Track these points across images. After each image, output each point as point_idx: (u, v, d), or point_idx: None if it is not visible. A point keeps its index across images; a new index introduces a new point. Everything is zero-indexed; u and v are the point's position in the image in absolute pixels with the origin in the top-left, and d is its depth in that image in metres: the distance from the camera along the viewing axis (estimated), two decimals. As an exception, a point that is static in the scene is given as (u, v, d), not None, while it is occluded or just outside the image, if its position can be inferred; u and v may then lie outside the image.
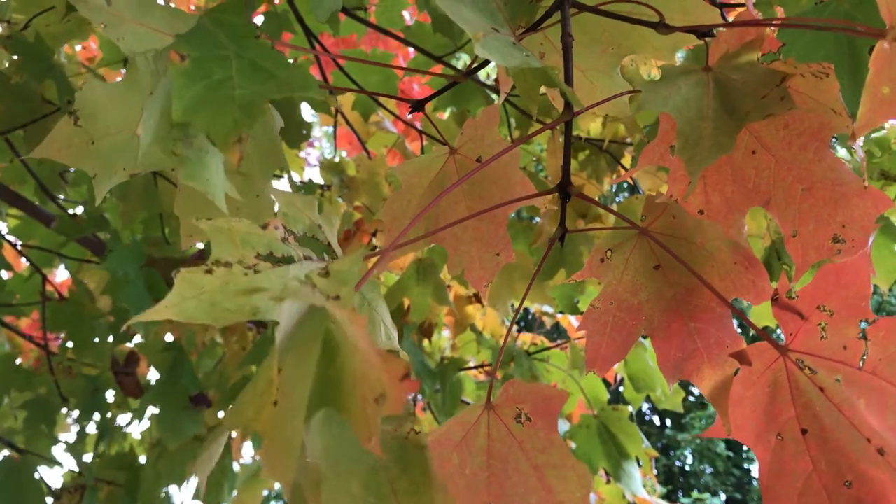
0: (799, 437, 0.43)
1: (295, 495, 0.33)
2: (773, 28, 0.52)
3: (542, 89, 0.62)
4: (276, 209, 0.50)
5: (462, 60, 2.34)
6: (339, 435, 0.35)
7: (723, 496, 8.94)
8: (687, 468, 9.38)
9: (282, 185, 1.64)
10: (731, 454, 9.28)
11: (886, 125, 1.43)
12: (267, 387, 0.40)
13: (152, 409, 1.61)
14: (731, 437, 0.45)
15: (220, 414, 1.68)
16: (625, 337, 0.50)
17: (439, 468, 0.45)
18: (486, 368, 2.15)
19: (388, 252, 0.38)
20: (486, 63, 0.56)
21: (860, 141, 0.47)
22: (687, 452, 9.38)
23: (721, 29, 0.50)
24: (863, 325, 0.42)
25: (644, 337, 0.52)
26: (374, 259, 0.43)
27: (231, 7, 0.40)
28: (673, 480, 9.23)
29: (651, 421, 9.45)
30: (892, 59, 0.43)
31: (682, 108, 0.48)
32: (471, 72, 0.55)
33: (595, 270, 0.52)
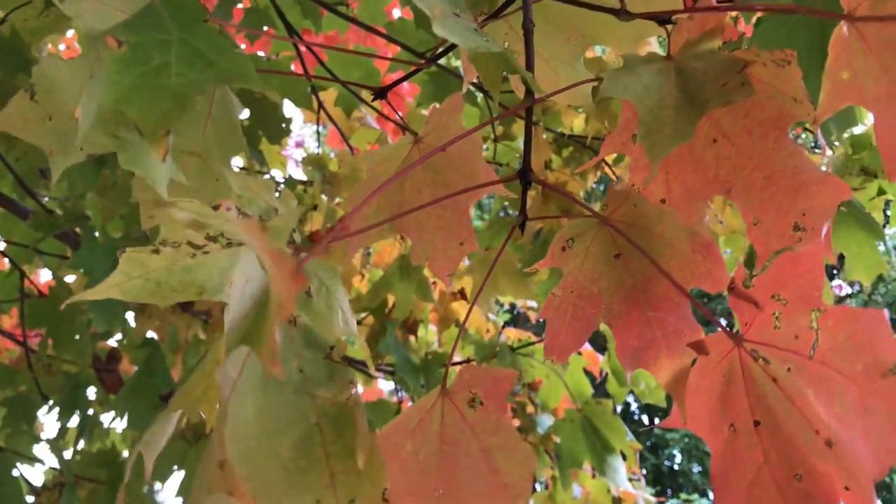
0: (751, 429, 0.42)
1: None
2: (732, 15, 0.51)
3: (512, 86, 0.62)
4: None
5: (448, 58, 2.33)
6: (274, 395, 0.35)
7: (711, 495, 8.96)
8: (675, 467, 9.39)
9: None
10: (719, 454, 9.26)
11: (867, 123, 1.43)
12: (214, 369, 0.39)
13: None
14: (685, 427, 0.44)
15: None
16: (584, 325, 0.50)
17: (393, 455, 0.44)
18: (472, 363, 2.14)
19: (340, 230, 0.38)
20: (451, 48, 0.56)
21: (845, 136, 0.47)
22: (675, 451, 9.40)
23: (682, 16, 0.50)
24: (814, 314, 0.42)
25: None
26: (339, 243, 0.43)
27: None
28: (661, 479, 9.25)
29: (640, 420, 9.46)
30: (851, 43, 0.43)
31: (644, 95, 0.48)
32: (435, 57, 0.55)
33: (557, 259, 0.51)
